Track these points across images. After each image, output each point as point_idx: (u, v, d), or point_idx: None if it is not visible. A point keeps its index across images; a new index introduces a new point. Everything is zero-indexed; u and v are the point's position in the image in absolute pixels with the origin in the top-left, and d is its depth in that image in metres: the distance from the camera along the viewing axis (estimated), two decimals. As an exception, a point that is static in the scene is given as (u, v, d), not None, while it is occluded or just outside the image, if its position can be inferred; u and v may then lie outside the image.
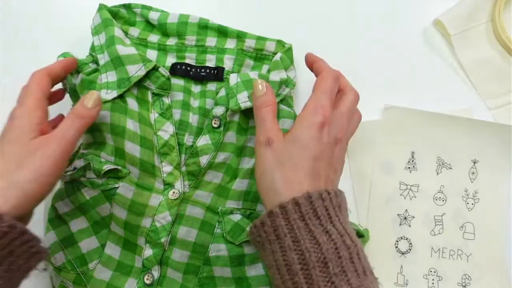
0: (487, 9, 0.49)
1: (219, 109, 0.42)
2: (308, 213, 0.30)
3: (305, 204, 0.30)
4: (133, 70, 0.40)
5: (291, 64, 0.44)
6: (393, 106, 0.47)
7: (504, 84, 0.48)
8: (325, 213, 0.30)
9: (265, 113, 0.36)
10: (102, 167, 0.40)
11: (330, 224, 0.30)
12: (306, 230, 0.29)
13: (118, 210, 0.41)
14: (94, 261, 0.42)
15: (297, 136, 0.34)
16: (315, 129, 0.33)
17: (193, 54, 0.45)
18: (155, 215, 0.41)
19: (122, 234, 0.42)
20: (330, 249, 0.28)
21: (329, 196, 0.31)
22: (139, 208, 0.40)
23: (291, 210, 0.30)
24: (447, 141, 0.47)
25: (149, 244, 0.41)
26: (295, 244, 0.29)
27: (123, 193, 0.40)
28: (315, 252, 0.28)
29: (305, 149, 0.33)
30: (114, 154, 0.41)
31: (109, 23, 0.42)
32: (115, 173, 0.41)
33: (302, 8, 0.50)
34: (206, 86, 0.44)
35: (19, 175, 0.32)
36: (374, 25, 0.49)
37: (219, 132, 0.41)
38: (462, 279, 0.46)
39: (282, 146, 0.34)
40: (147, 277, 0.41)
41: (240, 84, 0.41)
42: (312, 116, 0.34)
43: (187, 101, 0.44)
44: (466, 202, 0.47)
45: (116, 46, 0.41)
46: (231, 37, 0.45)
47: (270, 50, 0.45)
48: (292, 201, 0.30)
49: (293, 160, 0.33)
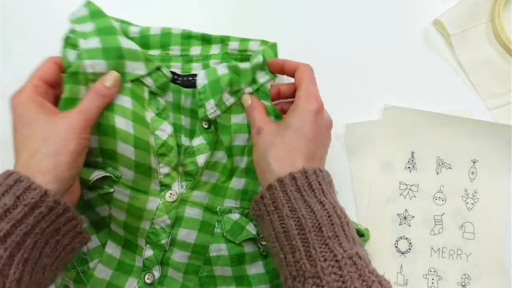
0: (487, 9, 0.49)
1: (201, 109, 0.40)
2: (304, 186, 0.33)
3: (300, 178, 0.33)
4: (131, 67, 0.38)
5: (275, 57, 0.43)
6: (393, 106, 0.47)
7: (504, 84, 0.48)
8: (318, 187, 0.33)
9: (255, 113, 0.39)
10: (89, 177, 0.38)
11: (324, 197, 0.33)
12: (302, 200, 0.32)
13: (117, 212, 0.41)
14: (95, 260, 0.42)
15: (290, 123, 0.36)
16: (310, 115, 0.36)
17: (179, 64, 0.43)
18: (154, 219, 0.40)
19: (123, 234, 0.42)
20: (323, 216, 0.31)
21: (322, 173, 0.34)
22: (137, 212, 0.40)
23: (288, 183, 0.33)
24: (447, 141, 0.47)
25: (150, 245, 0.41)
26: (292, 212, 0.32)
27: (120, 198, 0.40)
28: (311, 218, 0.31)
29: (299, 132, 0.35)
30: (103, 156, 0.39)
31: (102, 14, 0.39)
32: (107, 179, 0.39)
33: (302, 8, 0.50)
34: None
35: (47, 148, 0.33)
36: (374, 25, 0.49)
37: (211, 132, 0.41)
38: (462, 278, 0.46)
39: (273, 132, 0.37)
40: (147, 277, 0.41)
41: (207, 89, 0.39)
42: (306, 104, 0.37)
43: (178, 101, 0.42)
44: (466, 202, 0.47)
45: (117, 36, 0.38)
46: (215, 42, 0.44)
47: (254, 49, 0.43)
48: (289, 175, 0.33)
49: (286, 142, 0.35)
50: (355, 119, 0.47)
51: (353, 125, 0.47)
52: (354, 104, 0.48)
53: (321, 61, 0.48)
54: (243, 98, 0.41)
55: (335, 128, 0.47)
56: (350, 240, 0.31)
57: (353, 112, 0.47)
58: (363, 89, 0.48)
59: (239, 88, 0.40)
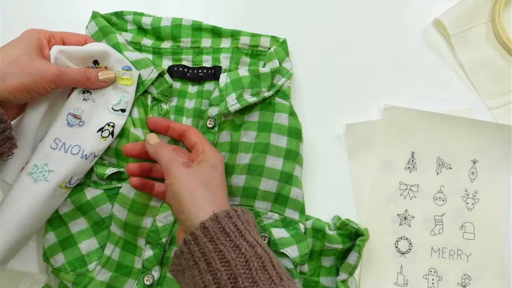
0: (487, 9, 0.49)
1: (214, 109, 0.42)
2: (217, 233, 0.32)
3: (212, 226, 0.32)
4: (145, 73, 0.42)
5: (287, 56, 0.44)
6: (393, 106, 0.47)
7: (504, 84, 0.48)
8: (233, 229, 0.32)
9: (165, 153, 0.38)
10: (105, 172, 0.41)
11: (241, 238, 0.32)
12: (217, 250, 0.31)
13: (119, 211, 0.41)
14: (94, 262, 0.42)
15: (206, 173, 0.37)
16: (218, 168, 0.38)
17: (189, 56, 0.45)
18: (157, 215, 0.41)
19: (122, 235, 0.42)
20: (238, 264, 0.30)
21: (236, 214, 0.33)
22: (140, 208, 0.41)
23: (200, 235, 0.32)
24: (447, 141, 0.47)
25: (150, 245, 0.41)
26: (209, 266, 0.31)
27: (125, 193, 0.41)
28: (226, 270, 0.30)
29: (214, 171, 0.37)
30: (116, 156, 0.42)
31: (109, 30, 0.43)
32: (118, 175, 0.42)
33: (302, 8, 0.50)
34: (204, 86, 0.45)
35: (10, 65, 0.36)
36: (374, 25, 0.49)
37: (213, 133, 0.42)
38: (462, 279, 0.46)
39: (196, 168, 0.37)
40: (147, 278, 0.41)
41: (229, 85, 0.41)
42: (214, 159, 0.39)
43: (181, 105, 0.44)
44: (466, 202, 0.47)
45: (124, 53, 0.42)
46: (225, 36, 0.45)
47: (265, 45, 0.45)
48: (201, 225, 0.32)
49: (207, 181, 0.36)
50: (355, 119, 0.47)
51: (353, 125, 0.47)
52: (354, 104, 0.48)
53: (321, 61, 0.49)
54: (147, 137, 0.41)
55: (335, 128, 0.47)
56: (276, 279, 0.30)
57: (353, 112, 0.47)
58: (363, 89, 0.48)
59: (259, 90, 0.42)
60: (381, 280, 0.46)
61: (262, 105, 0.43)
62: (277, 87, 0.43)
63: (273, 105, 0.42)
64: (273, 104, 0.43)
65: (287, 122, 0.42)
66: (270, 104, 0.43)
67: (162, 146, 0.39)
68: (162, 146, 0.39)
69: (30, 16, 0.49)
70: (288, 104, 0.43)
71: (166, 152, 0.38)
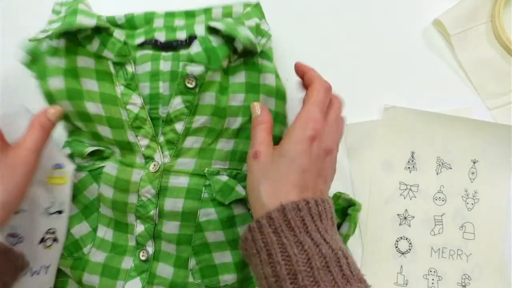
0: (487, 9, 0.49)
1: (195, 67, 0.39)
2: (281, 226, 0.30)
3: (277, 217, 0.31)
4: (82, 20, 0.38)
5: (263, 18, 0.43)
6: (393, 106, 0.47)
7: (504, 84, 0.48)
8: (299, 224, 0.30)
9: (259, 130, 0.37)
10: (83, 150, 0.41)
11: (306, 235, 0.30)
12: (279, 243, 0.30)
13: (105, 189, 0.41)
14: (88, 245, 0.42)
15: (286, 150, 0.34)
16: (304, 143, 0.34)
17: (162, 33, 0.43)
18: (139, 190, 0.40)
19: (112, 216, 0.42)
20: (300, 260, 0.29)
21: (307, 206, 0.31)
22: (123, 184, 0.40)
23: (265, 225, 0.31)
24: (447, 141, 0.47)
25: (140, 220, 0.41)
26: (269, 258, 0.30)
27: (109, 171, 0.41)
28: (286, 265, 0.29)
29: (293, 163, 0.33)
30: (93, 138, 0.42)
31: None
32: (100, 154, 0.42)
33: (302, 8, 0.50)
34: (179, 52, 0.42)
35: (1, 184, 0.33)
36: (374, 25, 0.49)
37: (193, 94, 0.39)
38: (462, 279, 0.46)
39: (269, 159, 0.35)
40: (142, 254, 0.41)
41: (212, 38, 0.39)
42: (303, 130, 0.34)
43: (156, 69, 0.41)
44: (466, 202, 0.47)
45: (77, 15, 0.38)
46: (198, 15, 0.44)
47: (239, 12, 0.43)
48: (266, 215, 0.31)
49: (280, 173, 0.33)
50: (355, 119, 0.47)
51: (353, 125, 0.47)
52: (354, 104, 0.48)
53: (321, 61, 0.48)
54: (252, 106, 0.39)
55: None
56: (340, 281, 0.28)
57: (353, 112, 0.47)
58: (363, 89, 0.48)
59: None
60: (381, 280, 0.46)
61: (246, 66, 0.41)
62: (260, 46, 0.41)
63: (258, 66, 0.41)
64: (257, 65, 0.41)
65: (274, 83, 0.41)
66: (254, 65, 0.41)
67: (258, 123, 0.37)
68: (258, 123, 0.37)
69: (30, 16, 0.49)
70: (272, 65, 0.41)
71: (254, 132, 0.37)
